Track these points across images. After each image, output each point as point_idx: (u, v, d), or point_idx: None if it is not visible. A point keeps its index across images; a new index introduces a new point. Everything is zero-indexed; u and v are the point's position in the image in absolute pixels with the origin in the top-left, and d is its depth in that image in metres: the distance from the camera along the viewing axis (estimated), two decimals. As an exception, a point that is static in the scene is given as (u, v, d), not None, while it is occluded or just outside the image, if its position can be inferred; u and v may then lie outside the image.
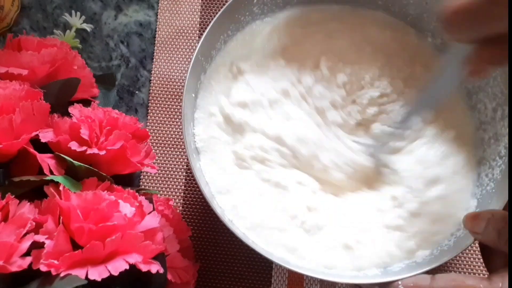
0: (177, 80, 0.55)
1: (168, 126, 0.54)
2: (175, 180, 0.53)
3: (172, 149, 0.54)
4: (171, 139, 0.54)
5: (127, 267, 0.34)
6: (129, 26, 0.57)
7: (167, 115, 0.55)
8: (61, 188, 0.38)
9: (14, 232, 0.35)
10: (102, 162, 0.43)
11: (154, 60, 0.56)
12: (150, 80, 0.56)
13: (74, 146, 0.40)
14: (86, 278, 0.33)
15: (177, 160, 0.53)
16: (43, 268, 0.34)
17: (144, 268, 0.36)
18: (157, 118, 0.55)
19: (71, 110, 0.43)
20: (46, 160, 0.40)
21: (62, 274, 0.34)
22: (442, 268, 0.48)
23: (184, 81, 0.47)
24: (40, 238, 0.35)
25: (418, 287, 0.38)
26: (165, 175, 0.53)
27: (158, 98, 0.55)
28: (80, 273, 0.34)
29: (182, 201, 0.52)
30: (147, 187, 0.53)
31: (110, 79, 0.56)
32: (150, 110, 0.55)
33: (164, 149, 0.54)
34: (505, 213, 0.37)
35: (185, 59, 0.56)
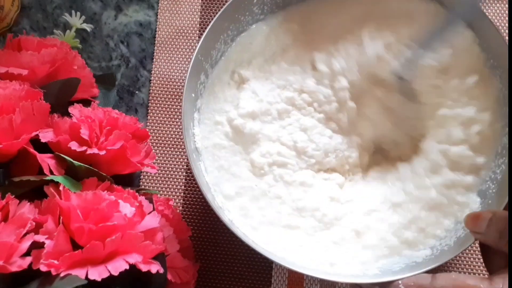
0: (177, 80, 0.55)
1: (168, 126, 0.54)
2: (175, 180, 0.53)
3: (172, 149, 0.54)
4: (171, 139, 0.54)
5: (127, 267, 0.34)
6: (129, 26, 0.57)
7: (167, 115, 0.55)
8: (61, 188, 0.38)
9: (14, 232, 0.35)
10: (102, 162, 0.43)
11: (154, 60, 0.56)
12: (150, 80, 0.56)
13: (74, 146, 0.40)
14: (86, 278, 0.33)
15: (177, 160, 0.53)
16: (43, 268, 0.34)
17: (144, 268, 0.36)
18: (157, 118, 0.55)
19: (71, 110, 0.43)
20: (46, 160, 0.40)
21: (62, 274, 0.34)
22: (442, 268, 0.48)
23: (184, 81, 0.46)
24: (40, 238, 0.35)
25: (419, 287, 0.38)
26: (165, 175, 0.53)
27: (158, 98, 0.55)
28: (80, 273, 0.34)
29: (182, 201, 0.52)
30: (147, 187, 0.53)
31: (110, 79, 0.55)
32: (150, 110, 0.55)
33: (164, 149, 0.54)
34: (506, 213, 0.37)
35: (185, 59, 0.56)
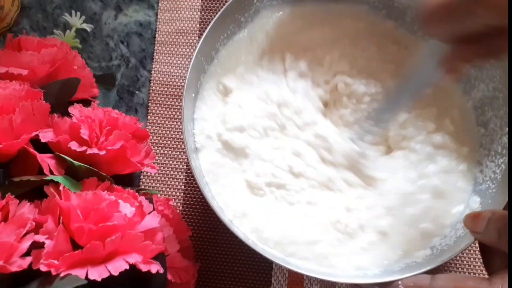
0: (177, 80, 0.55)
1: (168, 126, 0.54)
2: (175, 180, 0.53)
3: (172, 149, 0.54)
4: (171, 139, 0.54)
5: (127, 267, 0.34)
6: (129, 26, 0.57)
7: (167, 115, 0.55)
8: (61, 188, 0.38)
9: (14, 232, 0.35)
10: (102, 162, 0.43)
11: (154, 60, 0.56)
12: (150, 80, 0.56)
13: (74, 146, 0.40)
14: (86, 278, 0.33)
15: (177, 160, 0.53)
16: (43, 268, 0.34)
17: (144, 268, 0.36)
18: (157, 118, 0.55)
19: (71, 110, 0.43)
20: (46, 160, 0.40)
21: (62, 274, 0.34)
22: (442, 268, 0.48)
23: (184, 81, 0.46)
24: (40, 238, 0.35)
25: (419, 287, 0.38)
26: (165, 175, 0.53)
27: (158, 98, 0.55)
28: (80, 273, 0.34)
29: (182, 201, 0.52)
30: (147, 187, 0.53)
31: (110, 79, 0.56)
32: (150, 110, 0.55)
33: (164, 149, 0.54)
34: (505, 212, 0.37)
35: (185, 59, 0.56)
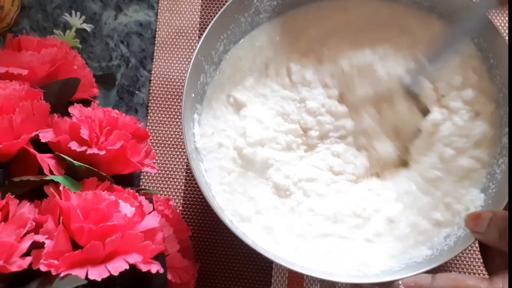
0: (177, 80, 0.55)
1: (168, 126, 0.54)
2: (175, 180, 0.53)
3: (172, 149, 0.54)
4: (171, 139, 0.54)
5: (127, 267, 0.34)
6: (129, 26, 0.57)
7: (167, 115, 0.55)
8: (61, 188, 0.38)
9: (14, 232, 0.35)
10: (102, 162, 0.42)
11: (154, 60, 0.56)
12: (150, 80, 0.56)
13: (74, 146, 0.40)
14: (86, 278, 0.33)
15: (177, 160, 0.53)
16: (43, 268, 0.34)
17: (144, 268, 0.36)
18: (157, 118, 0.55)
19: (71, 110, 0.43)
20: (46, 160, 0.40)
21: (62, 274, 0.34)
22: (442, 268, 0.48)
23: (184, 81, 0.46)
24: (40, 238, 0.35)
25: (419, 287, 0.38)
26: (165, 175, 0.53)
27: (158, 98, 0.55)
28: (80, 273, 0.34)
29: (182, 201, 0.52)
30: (147, 187, 0.53)
31: (110, 79, 0.55)
32: (150, 110, 0.55)
33: (164, 149, 0.54)
34: (506, 213, 0.37)
35: (185, 59, 0.56)
